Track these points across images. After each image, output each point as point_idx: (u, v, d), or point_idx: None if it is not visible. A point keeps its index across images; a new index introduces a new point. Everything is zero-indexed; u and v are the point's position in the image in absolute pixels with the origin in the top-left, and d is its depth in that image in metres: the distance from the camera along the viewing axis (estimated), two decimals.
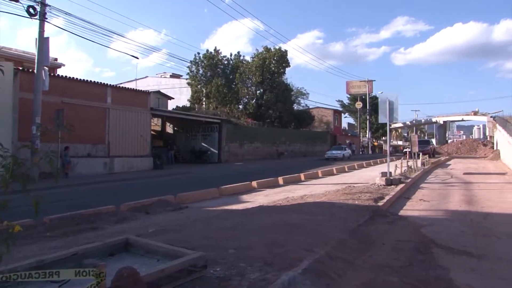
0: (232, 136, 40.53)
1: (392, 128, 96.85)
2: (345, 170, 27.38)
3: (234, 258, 5.65)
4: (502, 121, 44.04)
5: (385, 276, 5.90)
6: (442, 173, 25.34)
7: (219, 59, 51.15)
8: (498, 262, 6.73)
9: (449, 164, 34.69)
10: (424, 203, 13.08)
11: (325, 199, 12.28)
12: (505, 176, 22.96)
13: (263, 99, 51.38)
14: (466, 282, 5.72)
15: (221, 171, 28.59)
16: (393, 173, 18.16)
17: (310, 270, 5.26)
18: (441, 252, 7.26)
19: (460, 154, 56.71)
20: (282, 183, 18.91)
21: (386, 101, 16.73)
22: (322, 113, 69.71)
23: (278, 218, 8.96)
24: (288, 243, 6.57)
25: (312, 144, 57.43)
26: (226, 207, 12.37)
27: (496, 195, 14.87)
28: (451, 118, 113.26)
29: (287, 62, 54.47)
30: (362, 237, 7.99)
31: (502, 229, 9.32)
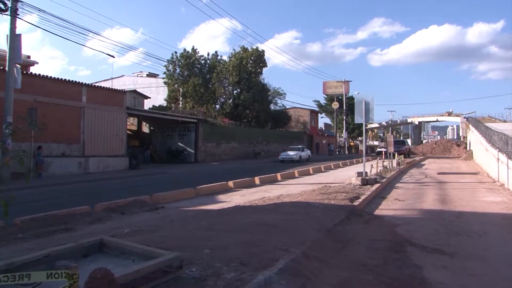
0: (209, 136, 40.41)
1: (368, 128, 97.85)
2: (322, 170, 27.55)
3: (210, 258, 5.62)
4: (475, 122, 44.79)
5: (361, 275, 5.95)
6: (417, 173, 25.67)
7: (196, 58, 50.90)
8: (469, 260, 6.87)
9: (424, 164, 35.17)
10: (399, 203, 13.24)
11: (301, 199, 12.33)
12: (477, 176, 23.38)
13: (240, 99, 51.35)
14: (438, 279, 5.82)
15: (198, 171, 28.49)
16: (369, 173, 18.34)
17: (286, 270, 5.27)
18: (415, 251, 7.37)
19: (434, 154, 57.49)
20: (259, 183, 18.93)
21: (362, 101, 16.88)
22: (299, 113, 69.93)
23: (254, 218, 8.95)
24: (264, 243, 6.56)
25: (289, 144, 57.42)
26: (202, 207, 12.33)
27: (468, 195, 15.12)
28: (426, 119, 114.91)
29: (264, 62, 54.56)
30: (338, 236, 8.05)
31: (473, 228, 9.50)
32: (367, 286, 5.57)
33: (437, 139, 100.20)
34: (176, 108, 46.40)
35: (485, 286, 5.73)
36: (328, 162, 32.96)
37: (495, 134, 23.72)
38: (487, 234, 8.96)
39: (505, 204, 12.89)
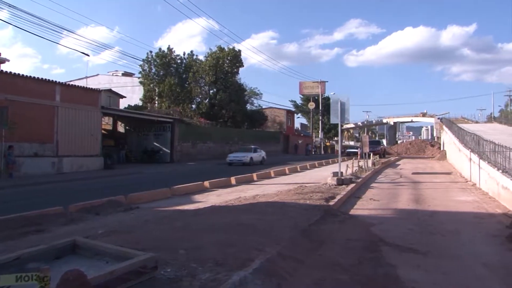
0: (185, 135, 40.21)
1: (344, 128, 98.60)
2: (298, 170, 27.63)
3: (185, 258, 5.59)
4: (448, 122, 45.44)
5: (336, 275, 5.99)
6: (392, 173, 25.93)
7: (172, 58, 50.60)
8: (442, 258, 6.98)
9: (399, 164, 35.53)
10: (374, 202, 13.36)
11: (277, 199, 12.35)
12: (451, 175, 23.74)
13: (216, 99, 51.23)
14: (412, 278, 5.90)
15: (174, 171, 28.32)
16: (345, 173, 18.45)
17: (261, 270, 5.27)
18: (389, 250, 7.45)
19: (409, 154, 58.08)
20: (235, 183, 18.90)
21: (337, 102, 16.97)
22: (275, 113, 70.10)
23: (230, 218, 8.93)
24: (239, 243, 6.56)
25: (265, 144, 57.52)
26: (178, 207, 12.26)
27: (442, 194, 15.35)
28: (401, 119, 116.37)
29: (241, 62, 54.58)
30: (313, 236, 8.08)
31: (446, 227, 9.66)
32: (342, 285, 5.61)
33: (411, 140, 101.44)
34: (152, 108, 46.05)
35: (457, 284, 5.83)
36: (304, 162, 33.05)
37: (468, 134, 24.12)
38: (460, 233, 9.12)
39: (476, 203, 13.13)
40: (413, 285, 5.64)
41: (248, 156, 34.82)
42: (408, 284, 5.68)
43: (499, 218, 10.75)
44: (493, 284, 5.89)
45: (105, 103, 32.97)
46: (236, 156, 35.05)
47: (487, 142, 17.20)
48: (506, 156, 13.91)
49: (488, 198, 14.14)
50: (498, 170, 13.93)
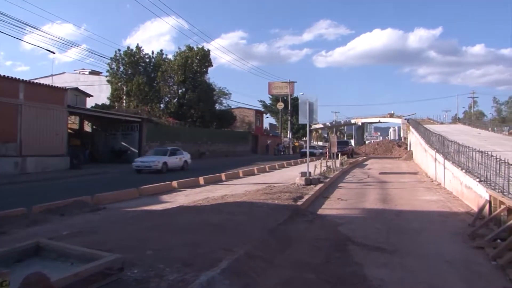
0: (153, 135, 39.80)
1: (313, 129, 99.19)
2: (266, 170, 27.70)
3: (153, 259, 5.53)
4: (415, 123, 46.22)
5: (303, 274, 6.02)
6: (360, 172, 26.24)
7: (140, 56, 50.05)
8: (408, 257, 7.11)
9: (366, 164, 35.98)
10: (342, 202, 13.49)
11: (245, 199, 12.35)
12: (417, 175, 24.17)
13: (185, 99, 50.97)
14: (378, 276, 5.99)
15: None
16: (313, 173, 18.57)
17: (229, 270, 5.26)
18: (357, 249, 7.53)
19: (377, 154, 58.89)
20: (203, 183, 18.81)
21: (306, 102, 17.07)
22: (244, 113, 70.09)
23: (198, 218, 8.89)
24: (208, 243, 6.53)
25: (234, 144, 57.64)
26: (146, 207, 12.15)
27: (408, 194, 15.61)
28: (369, 120, 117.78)
29: (210, 62, 54.45)
30: (282, 236, 8.10)
31: (412, 226, 9.85)
32: (310, 284, 5.64)
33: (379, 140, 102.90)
34: (120, 107, 45.44)
35: (421, 281, 5.94)
36: (272, 162, 33.14)
37: (433, 135, 24.58)
38: (425, 231, 9.30)
39: (441, 203, 13.40)
40: (380, 283, 5.72)
41: (159, 161, 26.24)
42: (375, 283, 5.75)
43: (462, 216, 11.00)
44: (455, 280, 6.05)
45: (71, 102, 32.37)
46: (145, 161, 26.67)
47: (451, 143, 17.55)
48: (469, 157, 14.22)
49: (452, 197, 14.45)
50: (462, 170, 14.23)
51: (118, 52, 48.58)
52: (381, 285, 5.69)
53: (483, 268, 6.57)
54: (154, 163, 26.05)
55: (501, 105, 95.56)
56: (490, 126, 53.23)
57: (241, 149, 59.00)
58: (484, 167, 12.13)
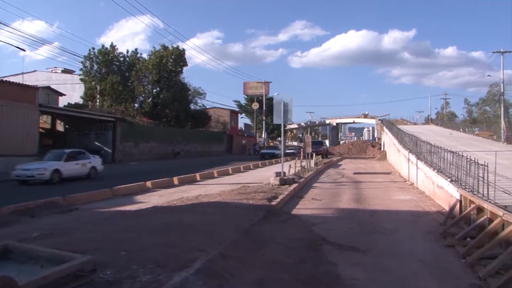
0: (127, 135, 39.46)
1: (288, 129, 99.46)
2: (241, 170, 27.66)
3: (126, 260, 5.46)
4: (388, 124, 46.75)
5: (277, 274, 6.03)
6: (334, 173, 26.41)
7: (115, 55, 49.52)
8: (381, 256, 7.20)
9: (341, 164, 36.23)
10: (316, 202, 13.57)
11: (219, 199, 12.32)
12: (390, 175, 24.45)
13: (159, 98, 50.61)
14: (352, 275, 6.05)
15: (115, 171, 27.74)
16: (287, 173, 18.64)
17: (203, 270, 5.24)
18: (330, 249, 7.59)
19: (351, 154, 59.33)
20: (177, 183, 18.69)
21: (281, 102, 17.12)
22: (219, 113, 69.92)
23: (172, 219, 8.83)
24: (181, 244, 6.49)
25: (208, 144, 57.48)
26: (119, 208, 12.01)
27: (382, 194, 15.79)
28: (343, 120, 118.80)
29: (185, 61, 54.21)
30: (256, 236, 8.10)
31: (385, 225, 9.96)
32: (283, 284, 5.66)
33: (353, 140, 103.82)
34: (93, 106, 44.87)
35: (394, 280, 6.03)
36: (247, 162, 33.13)
37: (406, 135, 24.90)
38: (398, 230, 9.42)
39: (414, 202, 13.59)
40: (353, 282, 5.78)
41: (46, 169, 19.89)
42: (348, 282, 5.81)
43: (434, 216, 11.18)
44: (426, 278, 6.16)
45: (43, 101, 31.78)
46: (27, 169, 19.98)
47: (424, 143, 17.81)
48: (441, 157, 14.45)
49: (425, 197, 14.67)
50: (434, 170, 14.45)
51: (92, 51, 47.98)
52: (354, 284, 5.74)
53: (453, 266, 6.70)
54: (38, 171, 19.75)
55: (472, 106, 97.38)
56: (462, 127, 54.15)
57: (216, 149, 58.90)
58: (455, 167, 12.35)
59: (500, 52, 51.62)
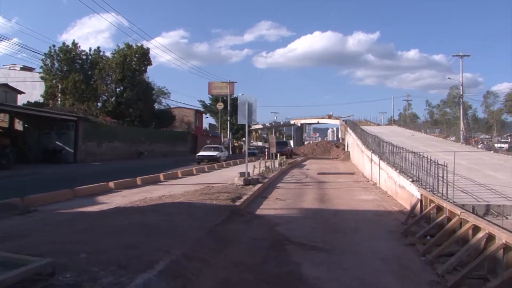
0: (90, 134, 38.76)
1: (252, 129, 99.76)
2: (205, 170, 27.55)
3: (87, 262, 5.35)
4: (352, 124, 47.43)
5: (241, 274, 6.03)
6: (298, 173, 26.60)
7: (77, 53, 48.58)
8: (344, 255, 7.29)
9: (305, 165, 36.52)
10: (280, 202, 13.63)
11: (183, 200, 12.25)
12: (354, 175, 24.79)
13: (123, 97, 49.95)
14: (315, 275, 6.10)
15: (77, 171, 27.15)
16: (252, 173, 18.68)
17: (166, 272, 5.19)
18: (294, 248, 7.63)
19: (315, 155, 59.83)
20: (141, 184, 18.45)
21: (245, 103, 17.14)
22: (183, 113, 69.50)
23: (135, 220, 8.72)
24: (144, 245, 6.41)
25: (173, 144, 57.08)
26: (81, 209, 11.77)
27: (345, 193, 15.98)
28: (308, 121, 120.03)
29: (149, 60, 53.74)
30: (220, 236, 8.09)
31: (348, 225, 10.10)
32: (247, 284, 5.66)
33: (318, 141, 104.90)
34: (54, 105, 43.94)
35: (356, 278, 6.11)
36: (212, 162, 33.03)
37: (370, 136, 25.30)
38: (361, 230, 9.56)
39: (376, 202, 13.82)
40: (316, 282, 5.82)
41: None
42: (311, 281, 5.85)
43: (396, 215, 11.38)
44: (388, 276, 6.26)
45: (0, 99, 30.91)
46: None
47: (386, 144, 18.12)
48: (403, 157, 14.74)
49: (387, 197, 14.92)
50: (396, 170, 14.71)
51: (52, 48, 46.95)
52: (317, 283, 5.79)
53: (413, 264, 6.84)
54: None
55: (433, 108, 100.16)
56: (423, 128, 55.36)
57: (180, 149, 58.51)
58: (417, 168, 12.62)
59: (459, 56, 53.22)
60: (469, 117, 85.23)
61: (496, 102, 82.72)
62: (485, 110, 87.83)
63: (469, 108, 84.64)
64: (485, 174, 15.72)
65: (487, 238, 6.19)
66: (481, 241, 6.30)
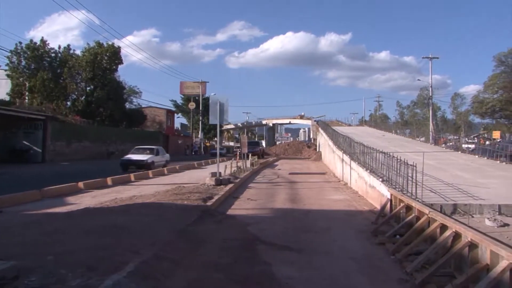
0: (59, 134, 38.05)
1: (224, 129, 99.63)
2: (177, 170, 27.35)
3: (54, 265, 5.26)
4: (324, 125, 47.72)
5: (212, 274, 6.02)
6: (270, 173, 26.66)
7: (45, 50, 47.54)
8: (315, 255, 7.33)
9: (277, 165, 36.61)
10: (252, 202, 13.63)
11: (154, 200, 12.15)
12: (325, 175, 24.95)
13: (93, 96, 49.16)
14: (286, 274, 6.11)
15: (45, 171, 26.64)
16: (223, 174, 18.63)
17: (136, 273, 5.15)
18: (265, 249, 7.64)
19: (287, 155, 60.03)
20: (111, 184, 18.21)
21: (217, 102, 17.10)
22: (155, 113, 68.86)
23: (105, 220, 8.61)
24: (114, 246, 6.35)
25: (144, 144, 56.39)
26: (49, 210, 11.52)
27: (316, 193, 16.07)
28: (279, 121, 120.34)
29: (120, 59, 53.04)
30: (191, 237, 8.05)
31: (320, 224, 10.17)
32: (218, 285, 5.64)
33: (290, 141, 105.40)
34: (22, 104, 42.96)
35: (327, 278, 6.16)
36: (183, 162, 32.85)
37: (341, 136, 25.50)
38: (331, 229, 9.63)
39: (347, 202, 13.94)
40: (287, 282, 5.83)
41: None
42: (282, 281, 5.86)
43: (366, 214, 11.51)
44: (358, 275, 6.34)
45: None
46: None
47: (357, 144, 18.30)
48: (374, 157, 14.90)
49: (358, 197, 15.07)
50: (367, 170, 14.86)
51: (19, 45, 45.86)
52: (288, 283, 5.80)
53: (383, 263, 6.92)
54: None
55: (404, 109, 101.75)
56: (394, 128, 56.21)
57: None
58: (387, 168, 12.78)
59: (429, 58, 54.18)
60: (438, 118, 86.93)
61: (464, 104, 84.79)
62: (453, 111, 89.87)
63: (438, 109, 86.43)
64: (453, 174, 16.01)
65: (454, 237, 6.31)
66: (448, 239, 6.42)
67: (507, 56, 57.65)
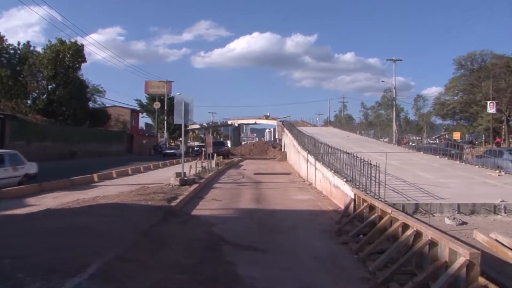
0: (18, 133, 37.07)
1: (189, 129, 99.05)
2: (141, 171, 27.07)
3: (11, 268, 5.08)
4: (289, 125, 48.03)
5: (176, 275, 5.97)
6: (235, 173, 26.64)
7: (3, 47, 46.20)
8: (279, 254, 7.38)
9: (242, 165, 36.62)
10: (217, 202, 13.61)
11: (118, 200, 12.00)
12: (290, 176, 25.10)
13: (55, 95, 48.06)
14: (251, 275, 6.12)
15: None
16: (188, 174, 18.55)
17: (98, 275, 5.05)
18: (230, 249, 7.64)
19: (252, 155, 60.16)
20: (74, 185, 17.85)
21: (181, 102, 17.00)
22: (119, 112, 67.87)
23: (66, 222, 8.44)
24: (75, 248, 6.21)
25: (108, 144, 55.63)
26: (7, 212, 11.19)
27: (281, 194, 16.15)
28: (245, 121, 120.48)
29: (83, 57, 51.99)
30: (155, 237, 7.96)
31: (285, 224, 10.23)
32: (182, 286, 5.60)
33: (255, 141, 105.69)
34: None
35: (292, 277, 6.20)
36: (147, 163, 32.50)
37: (306, 137, 25.72)
38: (296, 229, 9.70)
39: (312, 202, 14.06)
40: (252, 282, 5.84)
41: None
42: (247, 281, 5.87)
43: (330, 214, 11.63)
44: (322, 274, 6.41)
45: None
46: None
47: (322, 145, 18.48)
48: (338, 158, 15.08)
49: (322, 197, 15.22)
50: (331, 171, 15.02)
51: None
52: (252, 283, 5.81)
53: (346, 262, 7.02)
54: None
55: (368, 110, 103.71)
56: (358, 129, 56.92)
57: (115, 149, 57.10)
58: (351, 168, 12.95)
59: (392, 60, 55.09)
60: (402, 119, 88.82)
61: (426, 105, 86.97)
62: (416, 112, 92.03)
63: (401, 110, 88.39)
64: (415, 174, 16.33)
65: (415, 235, 6.45)
66: (409, 238, 6.56)
67: (466, 60, 59.59)
